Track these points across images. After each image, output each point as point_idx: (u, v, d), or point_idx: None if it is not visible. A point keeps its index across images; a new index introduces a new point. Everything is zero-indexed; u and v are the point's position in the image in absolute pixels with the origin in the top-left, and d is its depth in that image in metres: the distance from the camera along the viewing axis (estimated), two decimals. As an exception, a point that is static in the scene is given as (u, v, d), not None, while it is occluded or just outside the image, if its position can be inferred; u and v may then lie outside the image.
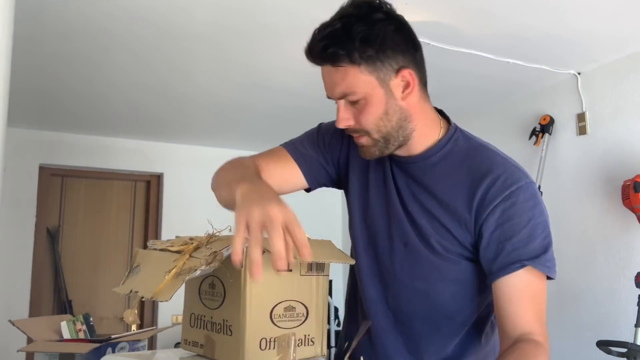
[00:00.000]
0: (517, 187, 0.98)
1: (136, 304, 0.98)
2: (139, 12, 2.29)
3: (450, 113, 1.20)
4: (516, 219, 0.97)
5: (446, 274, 1.04)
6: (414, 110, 1.03)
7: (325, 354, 1.03)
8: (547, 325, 1.00)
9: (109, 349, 1.98)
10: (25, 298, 3.96)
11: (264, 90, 3.27)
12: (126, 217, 4.53)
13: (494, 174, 1.00)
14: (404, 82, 1.01)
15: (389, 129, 1.01)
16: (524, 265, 0.96)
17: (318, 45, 0.97)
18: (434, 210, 1.04)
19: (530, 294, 0.97)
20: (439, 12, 2.31)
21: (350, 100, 0.99)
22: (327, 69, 0.99)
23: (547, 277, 1.00)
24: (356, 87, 0.97)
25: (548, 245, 0.99)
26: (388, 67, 0.98)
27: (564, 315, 2.98)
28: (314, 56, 1.00)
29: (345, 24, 0.95)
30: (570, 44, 2.64)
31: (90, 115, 3.77)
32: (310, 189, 1.22)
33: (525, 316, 0.96)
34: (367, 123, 1.00)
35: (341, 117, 1.01)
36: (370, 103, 0.98)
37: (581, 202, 2.95)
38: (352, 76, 0.96)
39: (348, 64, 0.96)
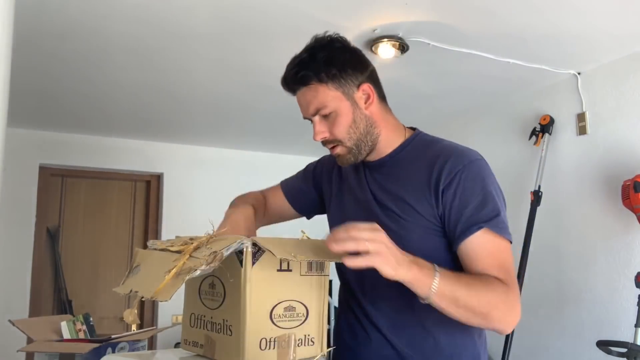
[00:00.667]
0: (468, 161, 1.15)
1: (136, 304, 0.98)
2: (138, 12, 2.29)
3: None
4: (469, 189, 1.13)
5: (417, 248, 1.09)
6: (377, 118, 1.23)
7: (325, 353, 1.03)
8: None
9: (109, 349, 1.98)
10: (25, 298, 3.95)
11: (264, 90, 3.27)
12: (126, 217, 4.52)
13: (447, 154, 1.18)
14: (365, 94, 1.21)
15: (358, 135, 1.20)
16: (481, 227, 1.10)
17: (290, 72, 1.20)
18: (400, 193, 1.20)
19: (491, 251, 1.11)
20: (439, 12, 2.31)
21: (322, 115, 1.19)
22: (301, 92, 1.20)
23: (509, 240, 1.13)
24: (326, 102, 1.17)
25: (499, 210, 1.13)
26: (350, 82, 1.19)
27: (564, 315, 2.98)
28: (289, 83, 1.22)
29: (310, 53, 1.19)
30: (570, 44, 2.64)
31: (90, 115, 3.77)
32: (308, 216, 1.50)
33: (490, 270, 1.09)
34: (339, 132, 1.19)
35: (317, 131, 1.20)
36: (340, 114, 1.18)
37: (581, 202, 2.95)
38: (322, 93, 1.17)
39: (317, 83, 1.17)
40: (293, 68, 1.20)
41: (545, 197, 3.06)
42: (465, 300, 1.03)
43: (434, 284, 1.00)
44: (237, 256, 0.96)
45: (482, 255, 1.11)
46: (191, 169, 4.57)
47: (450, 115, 3.70)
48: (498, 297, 1.06)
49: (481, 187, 1.14)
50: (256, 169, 4.68)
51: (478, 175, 1.15)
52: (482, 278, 1.08)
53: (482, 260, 1.10)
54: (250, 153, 4.77)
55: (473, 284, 1.05)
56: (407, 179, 1.20)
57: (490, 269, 1.09)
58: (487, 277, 1.08)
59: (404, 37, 2.53)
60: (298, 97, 1.22)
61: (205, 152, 4.64)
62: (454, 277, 1.04)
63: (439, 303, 1.02)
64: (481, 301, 1.04)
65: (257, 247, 0.95)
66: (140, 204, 4.58)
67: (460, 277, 1.06)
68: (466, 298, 1.03)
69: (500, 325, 1.08)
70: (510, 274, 1.10)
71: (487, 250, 1.11)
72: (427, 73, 2.98)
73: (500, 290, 1.06)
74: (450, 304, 1.03)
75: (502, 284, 1.08)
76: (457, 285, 1.03)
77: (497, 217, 1.12)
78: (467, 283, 1.05)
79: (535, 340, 3.11)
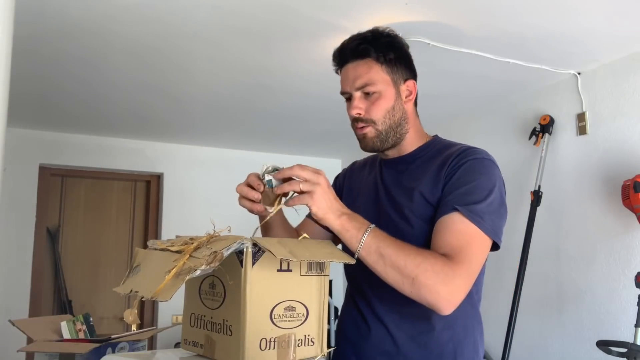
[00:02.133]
0: (474, 157, 1.20)
1: (136, 304, 0.98)
2: (139, 12, 2.29)
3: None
4: (463, 177, 1.17)
5: (424, 246, 1.15)
6: (410, 116, 1.29)
7: (325, 354, 1.04)
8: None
9: (109, 349, 1.98)
10: (25, 298, 3.95)
11: (264, 90, 3.27)
12: (126, 217, 4.53)
13: (462, 149, 1.24)
14: (408, 90, 1.27)
15: (391, 124, 1.24)
16: (455, 209, 1.13)
17: (352, 44, 1.24)
18: (413, 184, 1.24)
19: (454, 232, 1.11)
20: (439, 12, 2.31)
21: (366, 92, 1.23)
22: (353, 64, 1.24)
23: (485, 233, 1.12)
24: (376, 80, 1.22)
25: (481, 201, 1.14)
26: (400, 73, 1.26)
27: (564, 315, 2.98)
28: (345, 53, 1.25)
29: (374, 34, 1.26)
30: (570, 44, 2.64)
31: (90, 116, 3.77)
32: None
33: (445, 245, 1.10)
34: (376, 113, 1.23)
35: (355, 105, 1.23)
36: (383, 97, 1.23)
37: (581, 202, 2.95)
38: (374, 71, 1.23)
39: (374, 60, 1.23)
40: (354, 40, 1.24)
41: (545, 197, 3.06)
42: (392, 258, 1.05)
43: (363, 237, 1.05)
44: (237, 256, 0.96)
45: (446, 232, 1.12)
46: (191, 169, 4.57)
47: (450, 115, 3.70)
48: (430, 265, 1.05)
49: (474, 179, 1.16)
50: (256, 169, 4.67)
51: (477, 168, 1.18)
52: (420, 249, 1.08)
53: (444, 236, 1.11)
54: (250, 153, 4.77)
55: (405, 248, 1.07)
56: (423, 173, 1.24)
57: (445, 245, 1.10)
58: (424, 250, 1.09)
59: (404, 37, 2.52)
60: (347, 69, 1.25)
61: (205, 152, 4.64)
62: (387, 238, 1.07)
63: (367, 258, 1.06)
64: (409, 263, 1.04)
65: (257, 247, 0.95)
66: (140, 204, 4.58)
67: (395, 240, 1.08)
68: (393, 257, 1.05)
69: (429, 294, 1.05)
70: (463, 255, 1.08)
71: (453, 229, 1.11)
72: (427, 73, 2.98)
73: (434, 260, 1.06)
74: (378, 259, 1.05)
75: (441, 257, 1.07)
76: (387, 243, 1.06)
77: (475, 205, 1.12)
78: (399, 245, 1.07)
79: (535, 340, 3.11)
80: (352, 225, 1.06)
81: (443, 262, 1.06)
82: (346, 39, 1.27)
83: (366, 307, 1.27)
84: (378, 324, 1.24)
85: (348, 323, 1.32)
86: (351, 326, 1.31)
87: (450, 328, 1.20)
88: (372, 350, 1.24)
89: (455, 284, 1.06)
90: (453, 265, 1.06)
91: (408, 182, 1.25)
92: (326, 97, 3.26)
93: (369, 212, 1.25)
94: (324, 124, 3.90)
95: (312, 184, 1.03)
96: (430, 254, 1.07)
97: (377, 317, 1.24)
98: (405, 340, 1.20)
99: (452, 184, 1.17)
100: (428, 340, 1.20)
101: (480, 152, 1.22)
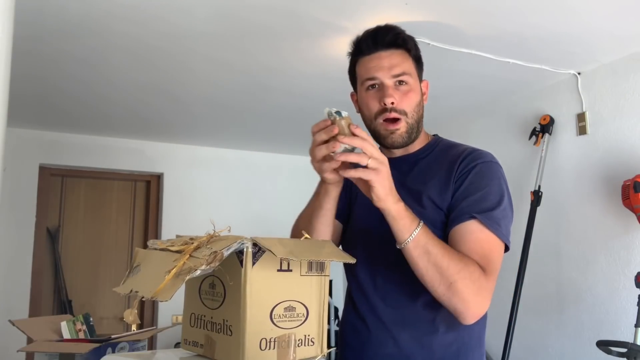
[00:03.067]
0: (482, 161, 1.20)
1: (136, 304, 0.98)
2: (139, 12, 2.29)
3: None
4: (475, 183, 1.18)
5: None
6: (424, 114, 1.28)
7: (325, 354, 1.03)
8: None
9: (109, 349, 1.98)
10: (25, 298, 3.95)
11: (263, 90, 3.27)
12: (126, 217, 4.53)
13: (468, 152, 1.23)
14: (424, 89, 1.30)
15: (417, 118, 1.24)
16: (473, 217, 1.13)
17: (391, 32, 1.22)
18: (419, 187, 1.23)
19: (476, 240, 1.12)
20: (439, 12, 2.31)
21: (400, 81, 1.21)
22: (387, 52, 1.22)
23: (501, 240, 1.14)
24: (411, 72, 1.23)
25: (495, 207, 1.15)
26: (420, 73, 1.29)
27: (564, 315, 2.98)
28: (382, 40, 1.22)
29: (402, 31, 1.24)
30: (570, 44, 2.64)
31: (90, 115, 3.77)
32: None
33: (473, 256, 1.10)
34: (408, 105, 1.22)
35: (391, 94, 1.21)
36: (413, 91, 1.23)
37: (581, 202, 2.95)
38: (408, 64, 1.24)
39: (410, 54, 1.24)
40: (393, 30, 1.22)
41: (545, 197, 3.06)
42: (436, 257, 1.05)
43: (415, 230, 1.05)
44: (237, 256, 0.96)
45: (467, 240, 1.12)
46: (191, 169, 4.57)
47: (450, 115, 3.70)
48: (469, 272, 1.06)
49: (486, 184, 1.17)
50: (256, 169, 4.68)
51: (487, 173, 1.19)
52: (462, 254, 1.09)
53: (466, 244, 1.11)
54: (250, 153, 4.77)
55: (450, 250, 1.07)
56: (430, 176, 1.23)
57: (472, 254, 1.10)
58: (467, 257, 1.09)
59: (404, 37, 2.53)
60: (379, 57, 1.22)
61: (205, 152, 4.64)
62: (435, 237, 1.07)
63: (412, 251, 1.06)
64: (451, 266, 1.05)
65: (257, 247, 0.95)
66: (140, 204, 4.58)
67: (441, 241, 1.08)
68: (438, 256, 1.05)
69: (461, 303, 1.06)
70: (491, 265, 1.10)
71: (473, 237, 1.12)
72: (427, 73, 2.97)
73: (473, 269, 1.07)
74: (423, 255, 1.05)
75: (479, 267, 1.08)
76: (435, 242, 1.06)
77: (491, 212, 1.13)
78: (445, 247, 1.07)
79: (535, 340, 3.11)
80: (407, 214, 1.05)
81: (480, 273, 1.08)
82: (371, 29, 1.24)
83: (367, 310, 1.26)
84: (380, 326, 1.23)
85: (347, 330, 1.31)
86: (350, 332, 1.30)
87: (455, 330, 1.19)
88: (374, 353, 1.23)
89: (484, 296, 1.09)
90: (483, 276, 1.08)
91: (414, 184, 1.24)
92: (326, 97, 3.26)
93: (373, 210, 1.20)
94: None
95: (380, 162, 1.01)
96: (470, 262, 1.08)
97: (379, 319, 1.23)
98: (408, 342, 1.20)
99: (465, 189, 1.17)
100: (432, 342, 1.19)
101: (486, 155, 1.23)
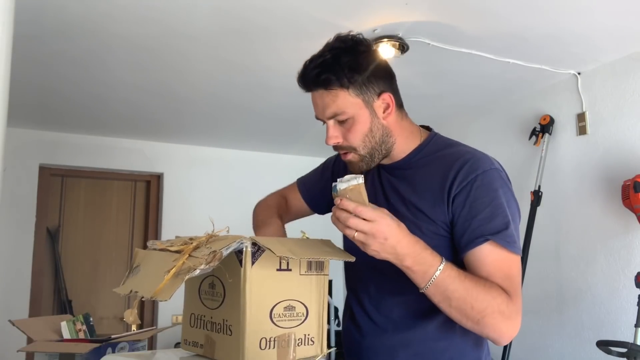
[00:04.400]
0: (482, 171, 1.12)
1: (136, 304, 0.98)
2: (138, 13, 2.29)
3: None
4: (480, 199, 1.11)
5: None
6: (393, 127, 1.20)
7: (325, 353, 1.03)
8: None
9: (109, 349, 1.98)
10: (25, 298, 3.95)
11: (263, 90, 3.27)
12: (126, 217, 4.52)
13: (463, 160, 1.15)
14: (384, 104, 1.17)
15: (373, 144, 1.17)
16: (487, 240, 1.09)
17: (312, 72, 1.13)
18: (413, 199, 1.18)
19: (496, 262, 1.09)
20: (439, 12, 2.31)
21: (339, 120, 1.15)
22: (318, 93, 1.15)
23: (517, 254, 1.11)
24: (345, 108, 1.13)
25: (508, 223, 1.10)
26: (372, 90, 1.15)
27: (564, 315, 2.98)
28: (308, 82, 1.15)
29: (334, 54, 1.13)
30: (570, 44, 2.64)
31: (90, 116, 3.77)
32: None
33: (493, 278, 1.08)
34: (355, 140, 1.16)
35: (330, 135, 1.16)
36: (358, 122, 1.15)
37: (581, 202, 2.95)
38: (342, 98, 1.13)
39: (338, 88, 1.12)
40: (315, 68, 1.13)
41: (545, 197, 3.06)
42: (458, 302, 1.04)
43: (431, 281, 1.03)
44: (236, 256, 0.96)
45: (486, 264, 1.09)
46: (191, 169, 4.57)
47: (450, 115, 3.70)
48: (497, 306, 1.05)
49: (492, 197, 1.11)
50: (256, 169, 4.68)
51: (490, 185, 1.12)
52: (486, 284, 1.06)
53: (485, 268, 1.09)
54: (250, 153, 4.77)
55: (473, 288, 1.05)
56: (421, 184, 1.18)
57: (494, 277, 1.08)
58: (491, 284, 1.07)
59: (404, 37, 2.53)
60: (314, 97, 1.17)
61: (205, 152, 4.64)
62: (455, 279, 1.04)
63: (432, 297, 1.05)
64: (476, 307, 1.04)
65: (256, 246, 0.95)
66: (140, 204, 4.58)
67: (463, 280, 1.05)
68: (460, 301, 1.04)
69: (493, 334, 1.07)
70: (514, 285, 1.08)
71: (492, 261, 1.09)
72: (427, 73, 2.98)
73: (500, 300, 1.05)
74: (443, 301, 1.05)
75: (504, 294, 1.06)
76: (454, 287, 1.04)
77: (505, 231, 1.10)
78: (467, 287, 1.04)
79: (535, 340, 3.11)
80: (418, 268, 1.03)
81: (506, 300, 1.06)
82: (306, 61, 1.16)
83: (362, 314, 1.26)
84: (373, 332, 1.22)
85: (345, 334, 1.32)
86: (347, 336, 1.30)
87: (448, 338, 1.17)
88: (368, 359, 1.23)
89: (514, 318, 1.07)
90: (511, 302, 1.06)
91: (406, 192, 1.20)
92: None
93: None
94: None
95: (366, 236, 0.99)
96: (495, 291, 1.06)
97: (373, 324, 1.23)
98: (400, 349, 1.18)
99: (471, 208, 1.11)
100: (423, 349, 1.18)
101: (484, 162, 1.15)
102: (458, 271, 1.05)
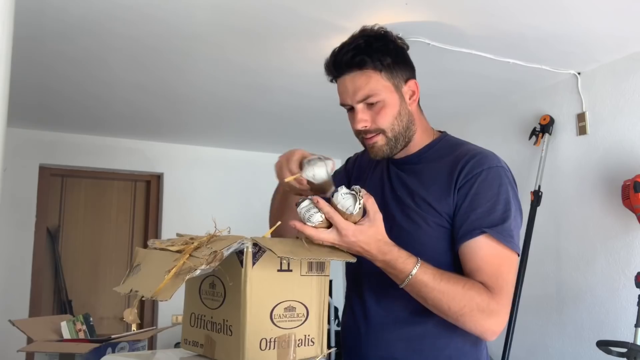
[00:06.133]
0: (488, 167, 1.16)
1: (136, 304, 0.98)
2: (139, 13, 2.29)
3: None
4: (482, 193, 1.14)
5: (431, 248, 1.16)
6: (416, 116, 1.25)
7: (325, 354, 1.04)
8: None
9: (109, 349, 1.98)
10: (25, 298, 3.95)
11: (263, 90, 3.27)
12: (126, 217, 4.52)
13: (471, 155, 1.19)
14: (410, 90, 1.23)
15: (400, 129, 1.21)
16: (483, 232, 1.11)
17: (346, 55, 1.18)
18: (419, 190, 1.21)
19: (486, 258, 1.11)
20: (439, 12, 2.31)
21: (369, 103, 1.18)
22: (350, 76, 1.18)
23: (513, 251, 1.13)
24: (377, 90, 1.17)
25: (507, 218, 1.12)
26: (400, 76, 1.20)
27: (564, 315, 2.98)
28: (340, 65, 1.19)
29: (366, 40, 1.18)
30: (570, 44, 2.64)
31: (90, 116, 3.77)
32: None
33: (479, 275, 1.10)
34: (384, 122, 1.19)
35: (360, 119, 1.19)
36: (388, 105, 1.18)
37: (581, 202, 2.95)
38: (375, 81, 1.17)
39: (372, 70, 1.17)
40: (349, 52, 1.17)
41: (545, 197, 3.06)
42: (434, 302, 1.08)
43: (407, 278, 1.06)
44: (237, 256, 0.96)
45: (476, 258, 1.11)
46: (191, 169, 4.57)
47: (450, 115, 3.70)
48: (475, 305, 1.07)
49: (494, 193, 1.13)
50: (256, 169, 4.68)
51: (494, 181, 1.14)
52: (466, 284, 1.08)
53: (474, 262, 1.11)
54: (250, 153, 4.76)
55: (449, 290, 1.07)
56: (430, 178, 1.21)
57: (480, 273, 1.10)
58: (472, 284, 1.09)
59: (403, 37, 2.52)
60: (344, 81, 1.19)
61: (205, 152, 4.64)
62: (431, 280, 1.07)
63: (411, 293, 1.09)
64: (452, 306, 1.07)
65: (257, 247, 0.95)
66: (140, 204, 4.58)
67: (439, 279, 1.07)
68: (436, 301, 1.07)
69: (476, 331, 1.09)
70: (501, 281, 1.09)
71: (484, 255, 1.11)
72: (427, 73, 2.97)
73: (479, 299, 1.07)
74: (420, 298, 1.09)
75: (485, 292, 1.08)
76: (430, 288, 1.07)
77: (502, 225, 1.11)
78: (442, 289, 1.07)
79: (535, 340, 3.11)
80: (394, 266, 1.06)
81: (488, 298, 1.07)
82: (336, 49, 1.21)
83: (362, 311, 1.26)
84: (373, 329, 1.23)
85: (346, 331, 1.32)
86: (347, 333, 1.31)
87: (448, 336, 1.17)
88: (367, 355, 1.23)
89: (500, 315, 1.09)
90: (495, 296, 1.08)
91: (414, 185, 1.22)
92: (326, 97, 3.25)
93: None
94: (323, 124, 3.90)
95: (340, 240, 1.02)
96: (474, 291, 1.07)
97: (373, 321, 1.23)
98: (400, 346, 1.19)
99: (472, 201, 1.14)
100: (424, 346, 1.18)
101: (491, 159, 1.18)
102: (433, 273, 1.07)
